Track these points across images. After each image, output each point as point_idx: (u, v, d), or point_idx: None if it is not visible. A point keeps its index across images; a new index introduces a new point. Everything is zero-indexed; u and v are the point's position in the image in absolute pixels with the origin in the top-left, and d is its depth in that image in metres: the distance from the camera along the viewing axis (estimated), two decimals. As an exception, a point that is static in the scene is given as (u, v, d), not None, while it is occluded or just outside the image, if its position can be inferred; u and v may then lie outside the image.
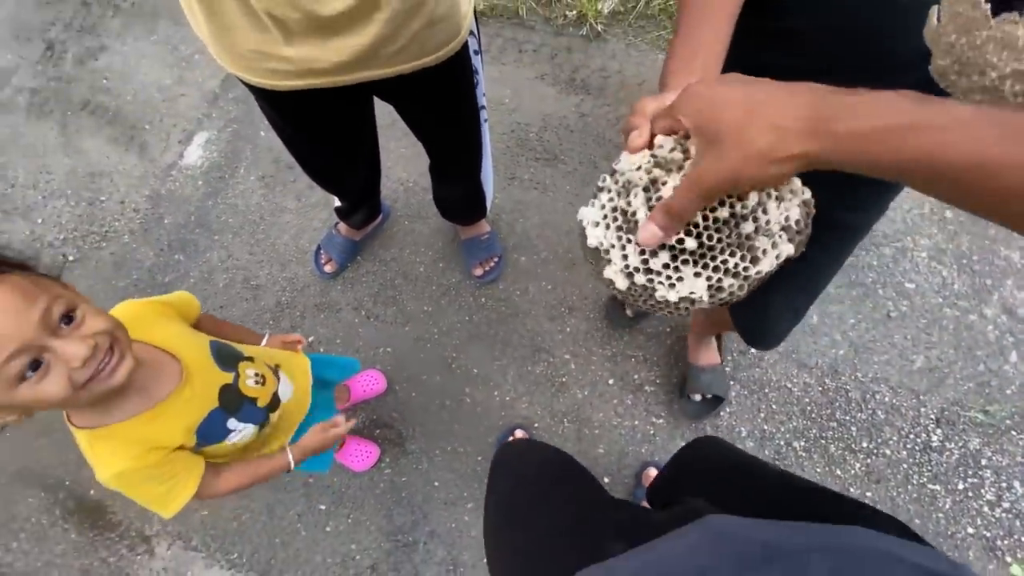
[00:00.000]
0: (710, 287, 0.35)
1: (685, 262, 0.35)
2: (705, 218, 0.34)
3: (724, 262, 0.34)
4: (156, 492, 0.61)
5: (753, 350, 1.33)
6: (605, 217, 0.37)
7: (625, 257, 0.36)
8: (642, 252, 0.36)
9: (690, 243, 0.34)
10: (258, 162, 1.59)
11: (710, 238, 0.34)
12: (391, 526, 1.23)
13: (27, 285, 0.49)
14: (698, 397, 1.25)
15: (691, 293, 0.35)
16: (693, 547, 0.41)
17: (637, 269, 0.36)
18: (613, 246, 0.37)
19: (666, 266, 0.36)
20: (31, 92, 1.78)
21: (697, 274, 0.35)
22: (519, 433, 1.27)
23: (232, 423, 0.67)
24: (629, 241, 0.36)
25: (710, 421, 1.28)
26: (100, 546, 1.26)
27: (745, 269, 0.35)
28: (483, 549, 0.62)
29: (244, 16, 0.62)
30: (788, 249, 0.35)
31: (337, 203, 1.31)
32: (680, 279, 0.36)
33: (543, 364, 1.35)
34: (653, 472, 1.22)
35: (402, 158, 1.53)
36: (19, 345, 0.46)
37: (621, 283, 0.37)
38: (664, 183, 0.34)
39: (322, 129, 0.89)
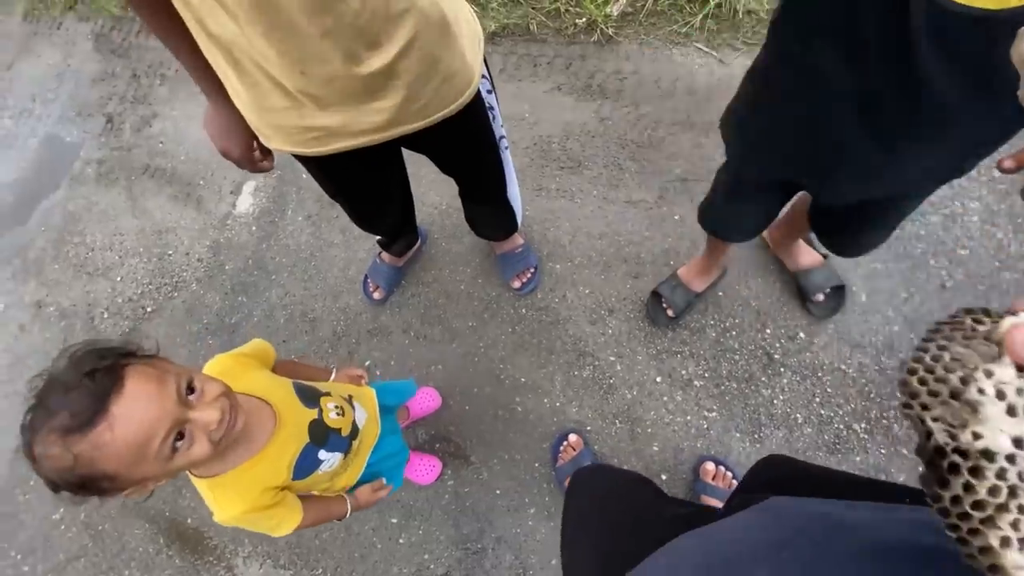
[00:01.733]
0: None
1: None
2: None
3: None
4: (267, 525, 0.71)
5: (802, 334, 1.32)
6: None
7: None
8: None
9: None
10: (303, 203, 1.71)
11: None
12: (459, 535, 1.30)
13: (153, 372, 0.56)
14: (820, 297, 1.30)
15: None
16: (751, 523, 0.43)
17: None
18: None
19: None
20: (98, 163, 1.97)
21: None
22: (572, 438, 1.30)
23: (322, 454, 0.75)
24: None
25: (764, 409, 1.28)
26: (202, 569, 1.38)
27: None
28: (549, 552, 0.67)
29: (282, 97, 0.68)
30: None
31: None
32: None
33: (589, 368, 1.38)
34: (711, 466, 1.23)
35: (434, 184, 1.61)
36: (171, 424, 0.54)
37: None
38: None
39: (358, 182, 0.96)
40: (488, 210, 1.24)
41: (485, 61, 0.84)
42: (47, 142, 2.06)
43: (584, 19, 1.67)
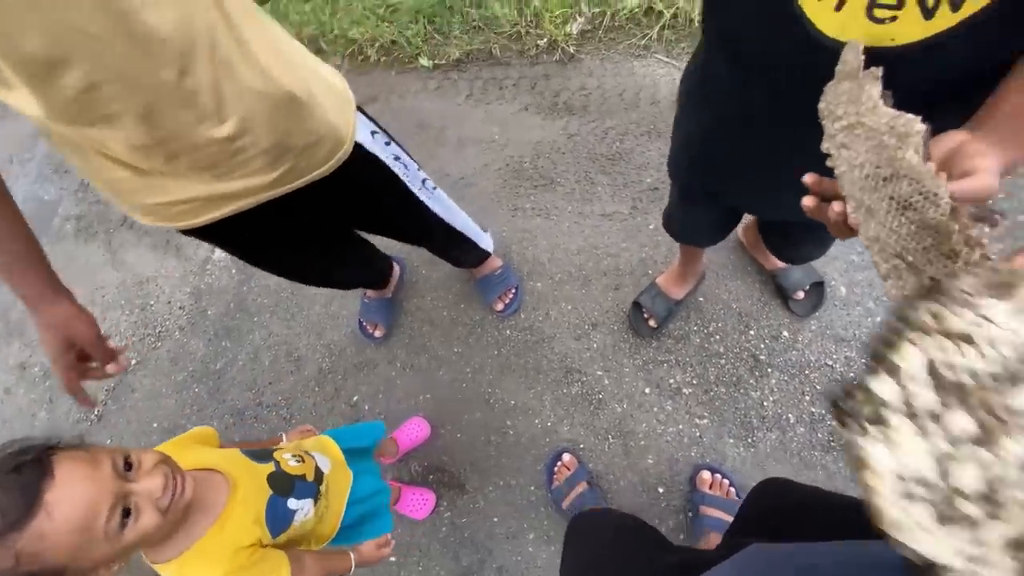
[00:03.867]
0: None
1: None
2: None
3: None
4: None
5: (785, 333, 1.32)
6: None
7: None
8: None
9: None
10: (280, 242, 1.71)
11: None
12: (459, 568, 1.27)
13: (83, 455, 0.55)
14: (800, 295, 1.30)
15: None
16: (729, 573, 0.43)
17: None
18: None
19: None
20: (76, 219, 1.98)
21: None
22: (566, 457, 1.29)
23: (292, 503, 0.73)
24: None
25: (755, 411, 1.27)
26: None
27: None
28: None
29: (132, 175, 0.67)
30: None
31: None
32: None
33: (577, 384, 1.37)
34: (707, 475, 1.21)
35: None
36: (112, 499, 0.53)
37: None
38: None
39: (268, 246, 0.94)
40: (441, 247, 1.25)
41: (374, 120, 0.87)
42: (26, 202, 2.06)
43: (545, 40, 1.70)
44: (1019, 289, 0.25)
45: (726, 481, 1.20)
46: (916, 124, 0.32)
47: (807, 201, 0.44)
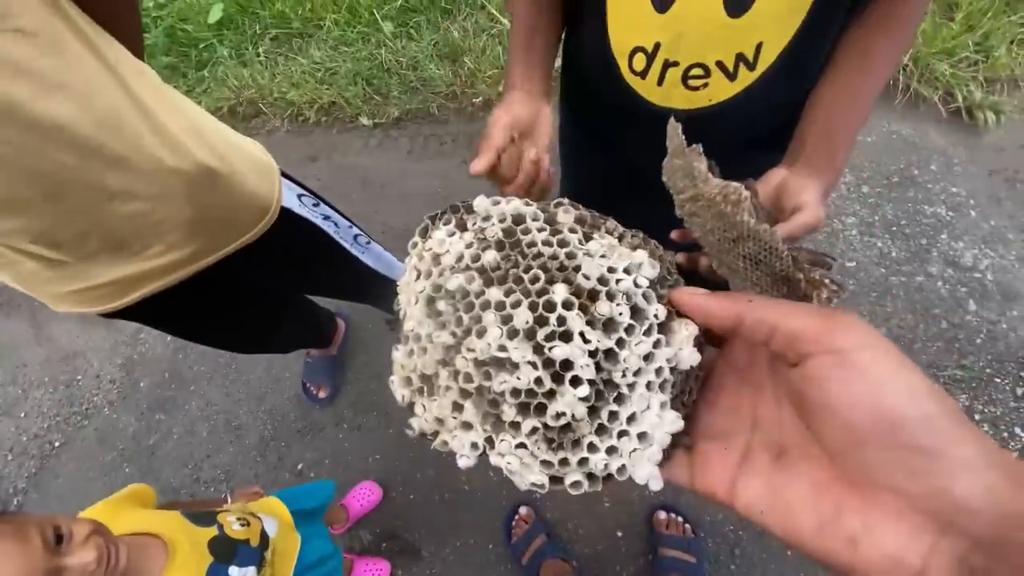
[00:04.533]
0: None
1: None
2: None
3: None
4: None
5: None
6: None
7: None
8: None
9: None
10: (220, 305, 1.66)
11: None
12: (417, 642, 1.19)
13: (8, 528, 0.52)
14: None
15: None
16: None
17: None
18: None
19: None
20: (-2, 293, 1.86)
21: None
22: (523, 511, 1.25)
23: (233, 571, 0.68)
24: None
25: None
26: None
27: None
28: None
29: (49, 270, 0.66)
30: None
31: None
32: None
33: (529, 431, 1.35)
34: (662, 515, 1.21)
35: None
36: None
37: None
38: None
39: (198, 316, 0.92)
40: (381, 300, 1.26)
41: (300, 184, 0.89)
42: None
43: (480, 98, 1.78)
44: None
45: (680, 519, 1.20)
46: (742, 191, 0.35)
47: (679, 258, 0.47)
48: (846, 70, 0.51)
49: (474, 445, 0.27)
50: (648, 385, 0.26)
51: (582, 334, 0.25)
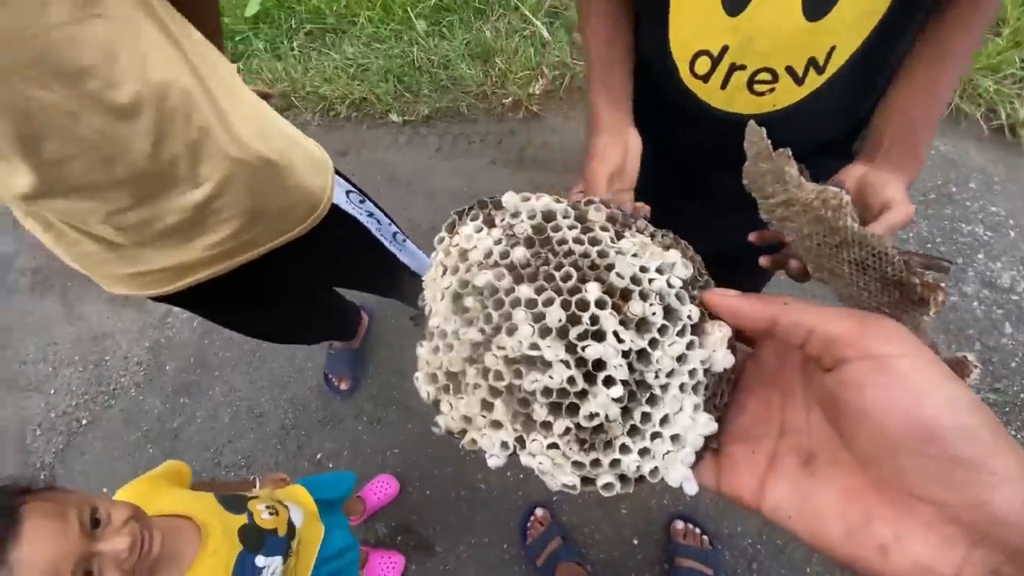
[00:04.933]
0: None
1: None
2: None
3: None
4: None
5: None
6: None
7: None
8: None
9: None
10: (247, 294, 1.68)
11: None
12: (429, 637, 1.19)
13: (52, 507, 0.53)
14: None
15: None
16: None
17: None
18: None
19: None
20: (32, 272, 1.91)
21: None
22: (539, 512, 1.25)
23: (260, 560, 0.69)
24: None
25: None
26: None
27: None
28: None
29: (101, 247, 0.68)
30: None
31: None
32: None
33: (548, 434, 1.35)
34: (680, 525, 1.19)
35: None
36: (75, 561, 0.51)
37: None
38: None
39: (239, 306, 0.94)
40: (410, 297, 1.26)
41: (349, 180, 0.90)
42: (-21, 256, 1.99)
43: (510, 99, 1.79)
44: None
45: (698, 530, 1.18)
46: (843, 195, 0.34)
47: (764, 262, 0.46)
48: (923, 63, 0.50)
49: (504, 444, 0.27)
50: (681, 387, 0.26)
51: (615, 334, 0.25)
